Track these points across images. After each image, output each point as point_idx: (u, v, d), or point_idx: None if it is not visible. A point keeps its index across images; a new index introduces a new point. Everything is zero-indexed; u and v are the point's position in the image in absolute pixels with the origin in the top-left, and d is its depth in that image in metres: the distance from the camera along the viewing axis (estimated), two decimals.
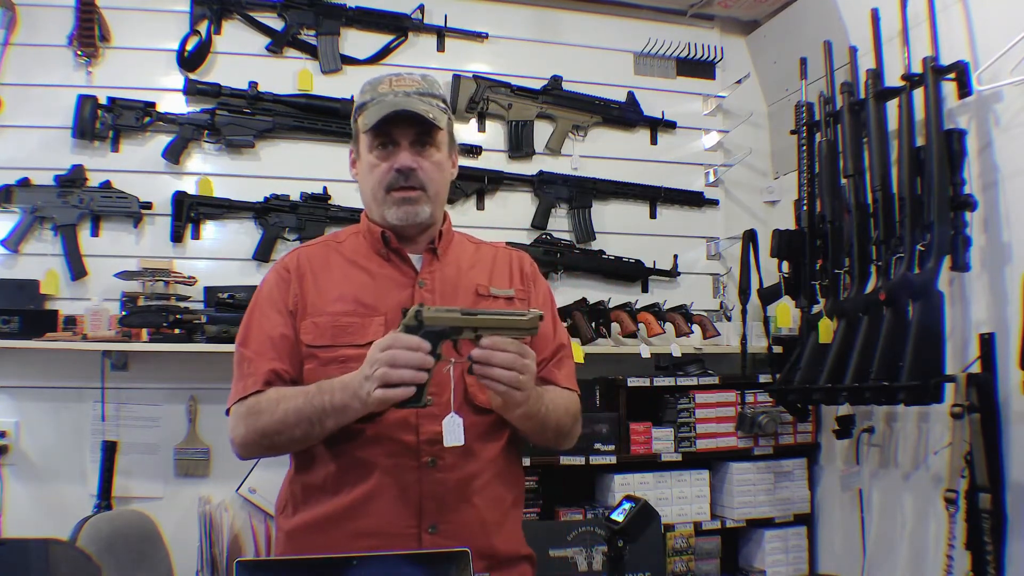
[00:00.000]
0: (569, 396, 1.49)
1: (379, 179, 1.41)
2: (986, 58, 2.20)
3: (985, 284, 2.27)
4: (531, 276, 1.56)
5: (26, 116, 2.64)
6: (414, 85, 1.43)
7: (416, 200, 1.41)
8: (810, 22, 2.93)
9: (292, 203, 2.77)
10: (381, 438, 1.34)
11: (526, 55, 3.12)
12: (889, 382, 2.14)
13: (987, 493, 2.08)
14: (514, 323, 1.25)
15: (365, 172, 1.44)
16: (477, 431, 1.38)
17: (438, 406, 1.32)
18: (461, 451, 1.34)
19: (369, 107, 1.41)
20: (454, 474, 1.35)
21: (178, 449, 2.67)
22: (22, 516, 2.52)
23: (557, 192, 3.06)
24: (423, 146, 1.41)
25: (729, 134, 3.27)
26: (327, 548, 1.33)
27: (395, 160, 1.39)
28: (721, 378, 2.94)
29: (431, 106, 1.40)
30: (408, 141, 1.40)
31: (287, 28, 2.86)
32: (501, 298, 1.48)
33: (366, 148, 1.43)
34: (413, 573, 1.06)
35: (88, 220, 2.64)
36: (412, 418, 1.34)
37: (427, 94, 1.43)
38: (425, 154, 1.41)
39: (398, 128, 1.39)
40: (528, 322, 1.25)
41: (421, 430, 1.34)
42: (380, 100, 1.40)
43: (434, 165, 1.42)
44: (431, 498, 1.34)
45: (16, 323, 2.43)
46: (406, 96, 1.40)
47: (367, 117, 1.40)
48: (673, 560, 2.76)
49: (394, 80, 1.44)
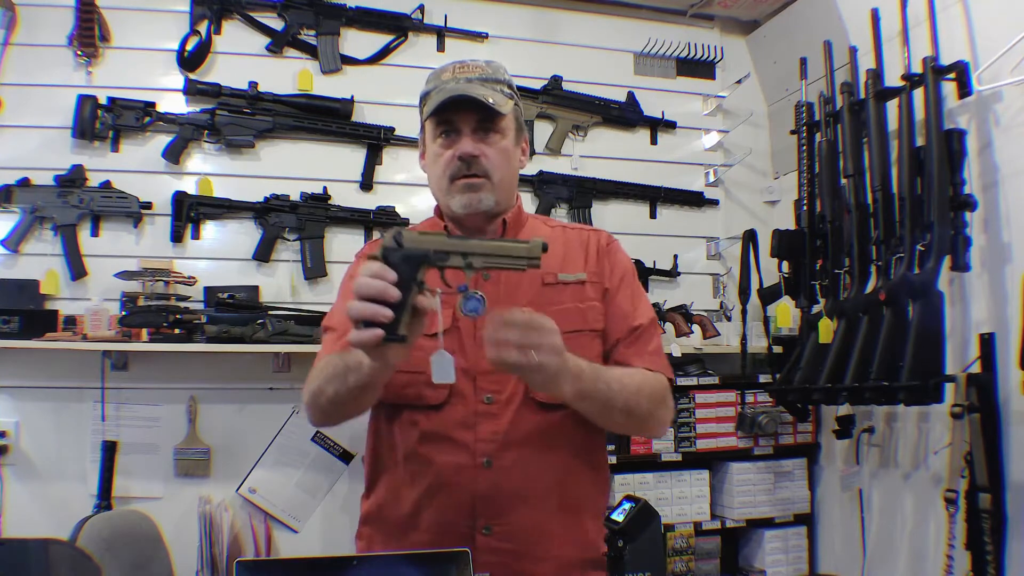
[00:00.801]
0: (645, 376, 1.37)
1: (443, 168, 1.37)
2: (986, 58, 2.20)
3: (985, 284, 2.27)
4: (606, 252, 1.48)
5: (26, 116, 2.64)
6: (477, 71, 1.40)
7: (479, 187, 1.35)
8: (810, 22, 2.93)
9: (292, 203, 2.77)
10: (438, 436, 1.32)
11: (526, 55, 3.12)
12: (889, 382, 2.14)
13: (987, 493, 2.08)
14: (509, 251, 1.10)
15: (430, 162, 1.41)
16: (540, 431, 1.33)
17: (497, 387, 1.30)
18: (520, 454, 1.31)
19: (431, 95, 1.38)
20: (510, 475, 1.31)
21: (178, 449, 2.67)
22: (22, 516, 2.52)
23: (557, 192, 3.05)
24: (486, 133, 1.36)
25: (729, 134, 3.27)
26: (386, 539, 1.35)
27: (457, 148, 1.35)
28: (721, 378, 2.94)
29: (494, 91, 1.37)
30: (470, 128, 1.35)
31: (287, 28, 2.86)
32: (571, 284, 1.42)
33: (430, 137, 1.40)
34: (413, 573, 1.06)
35: (88, 220, 2.64)
36: (470, 417, 1.31)
37: (490, 80, 1.39)
38: (489, 141, 1.36)
39: (459, 115, 1.35)
40: (527, 251, 1.10)
41: (478, 428, 1.31)
42: (441, 88, 1.37)
43: (498, 152, 1.37)
44: (485, 499, 1.30)
45: (16, 323, 2.43)
46: (467, 82, 1.36)
47: (428, 105, 1.37)
48: (673, 560, 2.76)
49: (457, 67, 1.41)
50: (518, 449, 1.30)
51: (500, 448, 1.29)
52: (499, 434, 1.31)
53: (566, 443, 1.36)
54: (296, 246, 2.79)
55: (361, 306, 1.04)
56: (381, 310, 1.04)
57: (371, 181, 2.87)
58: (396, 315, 1.05)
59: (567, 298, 1.41)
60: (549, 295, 1.40)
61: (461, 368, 1.28)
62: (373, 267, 1.06)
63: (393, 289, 1.05)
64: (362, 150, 2.86)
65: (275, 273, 2.78)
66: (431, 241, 1.10)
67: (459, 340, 1.34)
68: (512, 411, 1.32)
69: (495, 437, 1.29)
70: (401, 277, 1.06)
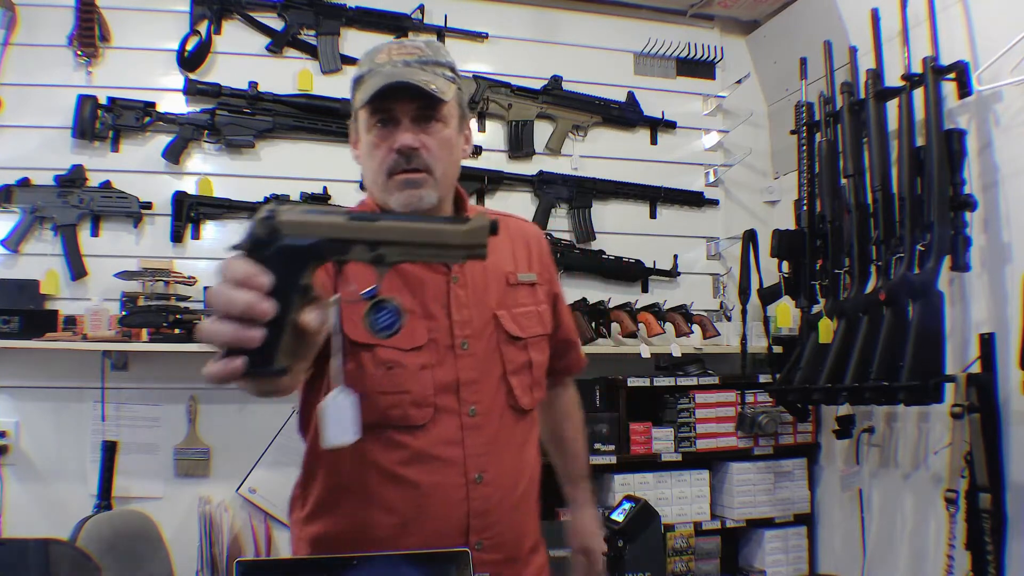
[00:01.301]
0: (574, 403, 1.48)
1: (379, 162, 1.23)
2: (986, 58, 2.20)
3: (985, 284, 2.27)
4: (545, 250, 1.44)
5: (26, 116, 2.64)
6: (416, 52, 1.24)
7: (420, 183, 1.21)
8: (810, 22, 2.92)
9: (292, 203, 2.77)
10: (425, 456, 1.22)
11: (526, 55, 3.12)
12: (889, 382, 2.14)
13: (987, 493, 2.08)
14: (441, 236, 0.79)
15: (365, 155, 1.27)
16: (518, 436, 1.30)
17: (479, 396, 1.23)
18: (509, 462, 1.27)
19: (365, 80, 1.23)
20: (501, 486, 1.26)
21: (178, 449, 2.67)
22: (22, 516, 2.52)
23: (557, 192, 3.05)
24: (427, 122, 1.22)
25: (729, 134, 3.27)
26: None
27: (395, 140, 1.21)
28: (721, 378, 2.94)
29: (435, 76, 1.22)
30: (410, 117, 1.21)
31: (287, 28, 2.86)
32: (525, 284, 1.35)
33: (364, 127, 1.25)
34: (413, 573, 1.05)
35: (88, 220, 2.64)
36: (457, 432, 1.22)
37: (430, 62, 1.23)
38: (430, 130, 1.22)
39: (397, 103, 1.21)
40: (467, 235, 0.79)
41: (467, 443, 1.23)
42: (377, 71, 1.22)
43: (440, 143, 1.23)
44: (478, 515, 1.23)
45: (16, 323, 2.43)
46: (406, 66, 1.21)
47: (362, 91, 1.23)
48: (673, 560, 2.76)
49: (395, 48, 1.25)
50: (503, 458, 1.26)
51: (489, 460, 1.24)
52: (487, 446, 1.25)
53: (534, 443, 1.37)
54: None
55: (217, 328, 0.71)
56: (245, 333, 0.71)
57: None
58: (270, 339, 0.72)
59: (526, 299, 1.36)
60: (513, 297, 1.33)
61: (443, 383, 1.22)
62: (236, 268, 0.73)
63: (264, 302, 0.71)
64: None
65: None
66: (322, 224, 0.76)
67: (435, 353, 1.23)
68: (496, 420, 1.27)
69: (485, 450, 1.23)
70: (278, 280, 0.73)
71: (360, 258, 0.78)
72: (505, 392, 1.27)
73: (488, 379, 1.25)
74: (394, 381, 1.18)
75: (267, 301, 0.71)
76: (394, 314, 0.82)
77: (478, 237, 0.79)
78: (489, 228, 0.80)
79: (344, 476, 1.24)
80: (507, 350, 1.28)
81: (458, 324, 1.25)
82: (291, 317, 0.74)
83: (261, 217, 0.77)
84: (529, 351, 1.32)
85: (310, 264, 0.76)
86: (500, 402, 1.27)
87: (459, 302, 1.26)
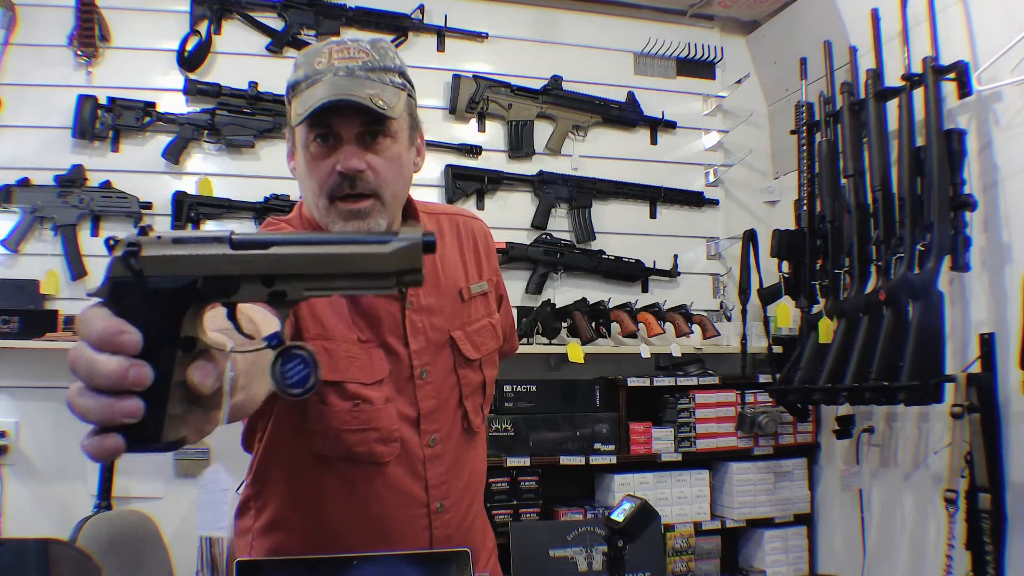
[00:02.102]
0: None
1: (319, 183, 1.09)
2: (986, 58, 2.20)
3: (985, 284, 2.27)
4: (491, 247, 1.33)
5: (26, 116, 2.64)
6: (360, 56, 1.09)
7: (367, 213, 1.08)
8: (810, 22, 2.93)
9: (292, 203, 2.77)
10: (388, 489, 1.15)
11: (526, 55, 3.12)
12: (889, 382, 2.14)
13: (987, 493, 2.08)
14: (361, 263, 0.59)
15: (303, 173, 1.12)
16: (471, 457, 1.26)
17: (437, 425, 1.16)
18: (464, 484, 1.23)
19: (302, 89, 1.09)
20: (459, 511, 1.22)
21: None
22: (22, 516, 2.52)
23: (557, 192, 3.05)
24: (373, 138, 1.09)
25: (729, 134, 3.27)
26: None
27: (337, 159, 1.07)
28: (721, 378, 2.94)
29: (383, 85, 1.08)
30: (354, 134, 1.08)
31: (287, 28, 2.86)
32: (477, 296, 1.27)
33: (301, 143, 1.11)
34: (413, 573, 1.05)
35: (88, 220, 2.64)
36: (419, 465, 1.17)
37: (377, 68, 1.09)
38: (376, 148, 1.09)
39: (340, 118, 1.06)
40: (396, 260, 0.58)
41: (428, 474, 1.18)
42: (315, 79, 1.08)
43: (388, 162, 1.10)
44: (440, 541, 1.19)
45: (16, 323, 2.43)
46: (348, 75, 1.07)
47: (299, 103, 1.08)
48: (673, 560, 2.76)
49: (335, 50, 1.10)
50: (460, 482, 1.22)
51: (450, 488, 1.19)
52: (446, 474, 1.20)
53: (482, 456, 1.32)
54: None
55: (85, 404, 0.57)
56: (119, 407, 0.56)
57: None
58: (151, 409, 0.57)
59: (480, 312, 1.28)
60: (467, 313, 1.25)
61: (404, 415, 1.16)
62: (94, 324, 0.55)
63: (136, 367, 0.55)
64: None
65: None
66: (198, 258, 0.58)
67: (395, 385, 1.16)
68: (453, 446, 1.22)
69: (445, 479, 1.18)
70: (150, 333, 0.56)
71: (253, 298, 0.60)
72: (461, 416, 1.23)
73: (446, 406, 1.20)
74: (360, 418, 1.11)
75: (140, 365, 0.55)
76: (307, 365, 0.62)
77: (410, 260, 0.58)
78: (423, 246, 0.59)
79: (301, 498, 1.18)
80: (463, 373, 1.23)
81: (416, 353, 1.18)
82: (174, 380, 0.58)
83: (118, 255, 0.58)
84: (483, 370, 1.26)
85: (189, 309, 0.59)
86: (457, 428, 1.22)
87: (415, 329, 1.18)
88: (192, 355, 0.59)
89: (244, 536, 1.24)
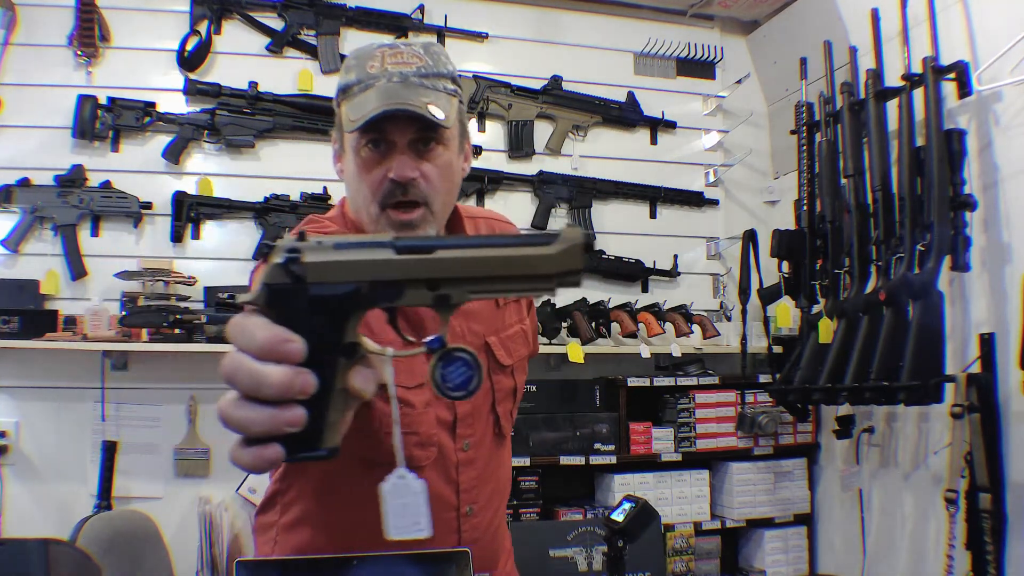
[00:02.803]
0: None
1: (371, 189, 1.08)
2: (986, 58, 2.20)
3: (985, 284, 2.27)
4: None
5: (26, 116, 2.64)
6: (414, 62, 1.07)
7: (418, 223, 1.08)
8: (810, 22, 2.93)
9: (292, 203, 2.77)
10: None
11: (526, 55, 3.12)
12: (889, 382, 2.14)
13: (987, 493, 2.08)
14: (524, 265, 0.59)
15: (352, 177, 1.11)
16: (499, 460, 1.26)
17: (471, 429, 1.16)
18: (492, 488, 1.22)
19: (355, 93, 1.07)
20: (487, 515, 1.22)
21: (178, 449, 2.67)
22: (22, 516, 2.52)
23: (557, 192, 3.05)
24: (425, 145, 1.08)
25: (729, 134, 3.27)
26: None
27: (389, 166, 1.06)
28: (721, 378, 2.94)
29: (437, 93, 1.07)
30: (406, 140, 1.06)
31: (287, 28, 2.86)
32: (512, 302, 1.26)
33: (352, 147, 1.10)
34: (413, 573, 1.05)
35: (88, 220, 2.64)
36: (452, 470, 1.16)
37: (431, 74, 1.08)
38: (428, 156, 1.08)
39: (393, 125, 1.05)
40: (560, 261, 0.59)
41: (461, 478, 1.18)
42: (368, 85, 1.06)
43: (440, 170, 1.09)
44: (469, 544, 1.18)
45: (16, 323, 2.43)
46: (403, 82, 1.05)
47: (352, 109, 1.06)
48: (673, 560, 2.76)
49: (388, 55, 1.08)
50: (489, 487, 1.22)
51: (479, 492, 1.20)
52: (477, 479, 1.20)
53: (509, 464, 1.33)
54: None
55: (247, 415, 0.55)
56: (284, 417, 0.55)
57: None
58: (313, 417, 0.56)
59: (513, 318, 1.27)
60: (501, 319, 1.23)
61: (442, 420, 1.14)
62: (257, 333, 0.55)
63: (303, 375, 0.55)
64: None
65: None
66: (363, 263, 0.58)
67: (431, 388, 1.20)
68: (485, 451, 1.22)
69: (476, 483, 1.19)
70: (313, 341, 0.56)
71: (417, 302, 0.60)
72: (493, 422, 1.23)
73: (480, 411, 1.20)
74: (403, 421, 1.09)
75: (305, 373, 0.55)
76: (470, 368, 0.63)
77: (572, 261, 0.59)
78: (584, 245, 0.59)
79: (332, 497, 1.17)
80: (496, 378, 1.23)
81: None
82: (337, 389, 0.58)
83: (278, 263, 0.57)
84: (515, 375, 1.27)
85: (352, 316, 0.59)
86: (489, 433, 1.22)
87: (454, 334, 1.17)
88: (353, 359, 0.59)
89: (267, 531, 1.24)
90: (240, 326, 0.56)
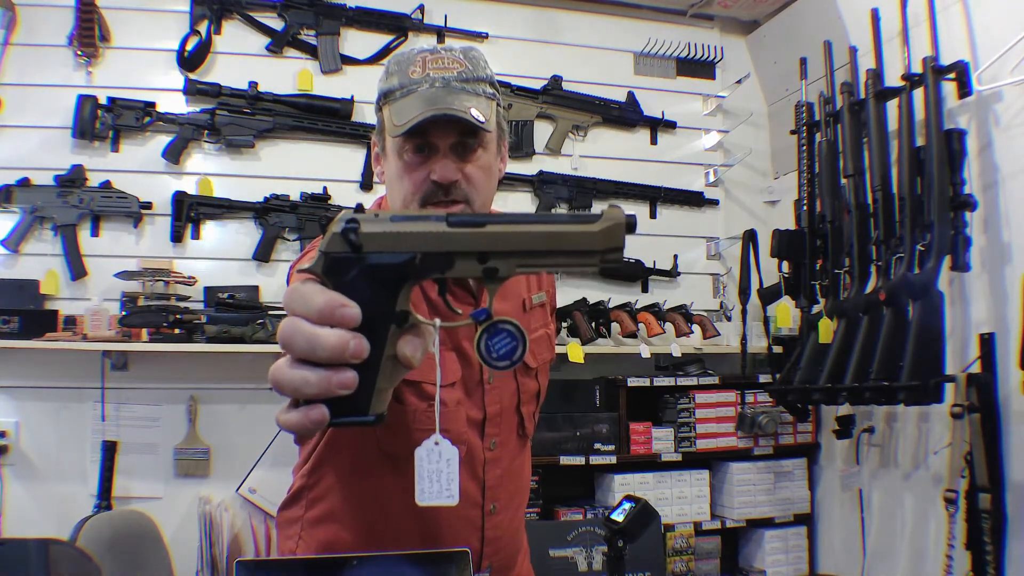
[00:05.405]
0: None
1: (412, 189, 1.10)
2: (986, 58, 2.20)
3: (985, 284, 2.27)
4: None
5: (26, 116, 2.64)
6: (455, 67, 1.09)
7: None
8: (810, 22, 2.93)
9: (292, 203, 2.77)
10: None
11: (526, 55, 3.12)
12: (889, 382, 2.14)
13: (987, 493, 2.08)
14: (569, 241, 0.62)
15: (394, 179, 1.13)
16: (522, 461, 1.28)
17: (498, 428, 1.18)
18: (514, 487, 1.25)
19: (397, 99, 1.09)
20: (508, 513, 1.23)
21: (178, 449, 2.67)
22: (22, 516, 2.52)
23: (557, 192, 3.06)
24: (467, 148, 1.10)
25: (729, 134, 3.27)
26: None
27: (432, 167, 1.09)
28: (721, 378, 2.94)
29: (478, 97, 1.09)
30: (448, 143, 1.09)
31: (287, 28, 2.86)
32: (536, 307, 1.28)
33: (394, 150, 1.12)
34: (413, 573, 1.05)
35: (88, 220, 2.64)
36: (478, 468, 1.18)
37: (471, 79, 1.10)
38: (470, 158, 1.10)
39: (436, 129, 1.08)
40: (603, 238, 0.62)
41: (487, 476, 1.20)
42: (411, 90, 1.08)
43: (481, 171, 1.12)
44: (490, 542, 1.21)
45: (16, 323, 2.43)
46: (445, 87, 1.08)
47: (396, 114, 1.08)
48: (673, 560, 2.76)
49: (430, 60, 1.10)
50: (511, 485, 1.24)
51: (502, 490, 1.22)
52: (501, 477, 1.22)
53: (530, 464, 1.35)
54: (296, 246, 2.79)
55: (300, 376, 0.58)
56: (336, 379, 0.58)
57: (371, 181, 2.87)
58: (363, 382, 0.59)
59: (539, 322, 1.29)
60: (527, 322, 1.24)
61: (471, 419, 1.17)
62: (314, 298, 0.58)
63: (356, 339, 0.58)
64: (362, 150, 2.85)
65: (275, 273, 2.78)
66: (418, 235, 0.62)
67: (465, 388, 1.18)
68: (510, 451, 1.24)
69: (499, 482, 1.21)
70: (367, 308, 0.59)
71: (467, 273, 0.63)
72: (517, 422, 1.25)
73: (508, 411, 1.23)
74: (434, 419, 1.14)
75: (359, 337, 0.58)
76: (514, 338, 0.65)
77: (615, 239, 0.62)
78: (626, 224, 0.62)
79: (360, 493, 1.19)
80: (522, 380, 1.25)
81: None
82: (387, 355, 0.61)
83: (337, 231, 0.61)
84: (539, 378, 1.29)
85: (405, 285, 0.62)
86: (513, 433, 1.25)
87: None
88: (403, 328, 0.62)
89: (291, 526, 1.25)
90: (297, 292, 0.59)
